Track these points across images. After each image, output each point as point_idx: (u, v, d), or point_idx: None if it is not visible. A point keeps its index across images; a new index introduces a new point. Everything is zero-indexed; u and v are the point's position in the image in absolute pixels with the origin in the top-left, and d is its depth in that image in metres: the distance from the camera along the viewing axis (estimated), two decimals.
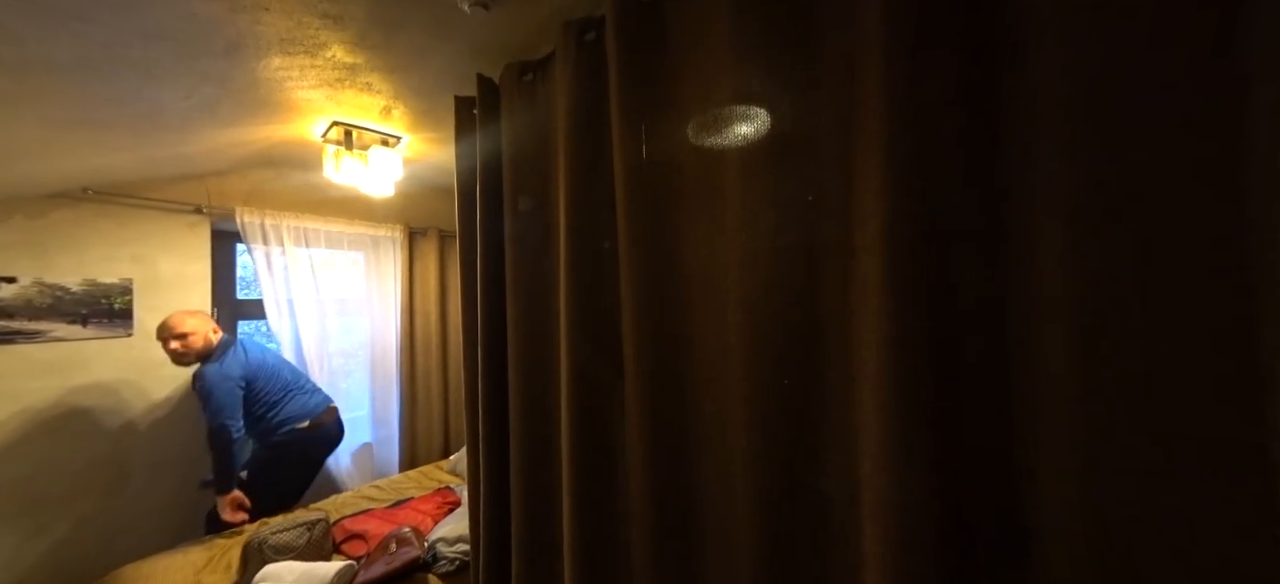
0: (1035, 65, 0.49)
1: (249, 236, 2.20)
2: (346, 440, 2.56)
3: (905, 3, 0.52)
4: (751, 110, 0.75)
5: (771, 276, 0.73)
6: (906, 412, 0.55)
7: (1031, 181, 0.50)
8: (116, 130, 1.48)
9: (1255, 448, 0.38)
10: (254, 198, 2.28)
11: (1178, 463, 0.43)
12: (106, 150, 1.62)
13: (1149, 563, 0.45)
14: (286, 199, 2.36)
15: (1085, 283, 0.45)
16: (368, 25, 1.10)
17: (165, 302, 2.09)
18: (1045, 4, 0.48)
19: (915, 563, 0.55)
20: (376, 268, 2.70)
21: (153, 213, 2.08)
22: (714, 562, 0.84)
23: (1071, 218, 0.46)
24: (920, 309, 0.54)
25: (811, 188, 0.69)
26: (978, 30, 0.52)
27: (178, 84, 1.25)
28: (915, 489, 0.55)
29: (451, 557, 1.58)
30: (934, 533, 0.54)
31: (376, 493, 2.20)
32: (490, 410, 1.28)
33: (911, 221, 0.54)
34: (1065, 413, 0.49)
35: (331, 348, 2.48)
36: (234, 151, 1.91)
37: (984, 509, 0.56)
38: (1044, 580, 0.51)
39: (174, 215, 2.13)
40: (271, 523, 1.79)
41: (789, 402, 0.72)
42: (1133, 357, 0.45)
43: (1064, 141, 0.47)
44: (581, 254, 1.00)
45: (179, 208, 2.12)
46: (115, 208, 2.00)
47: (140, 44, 1.06)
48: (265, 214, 2.24)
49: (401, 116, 1.65)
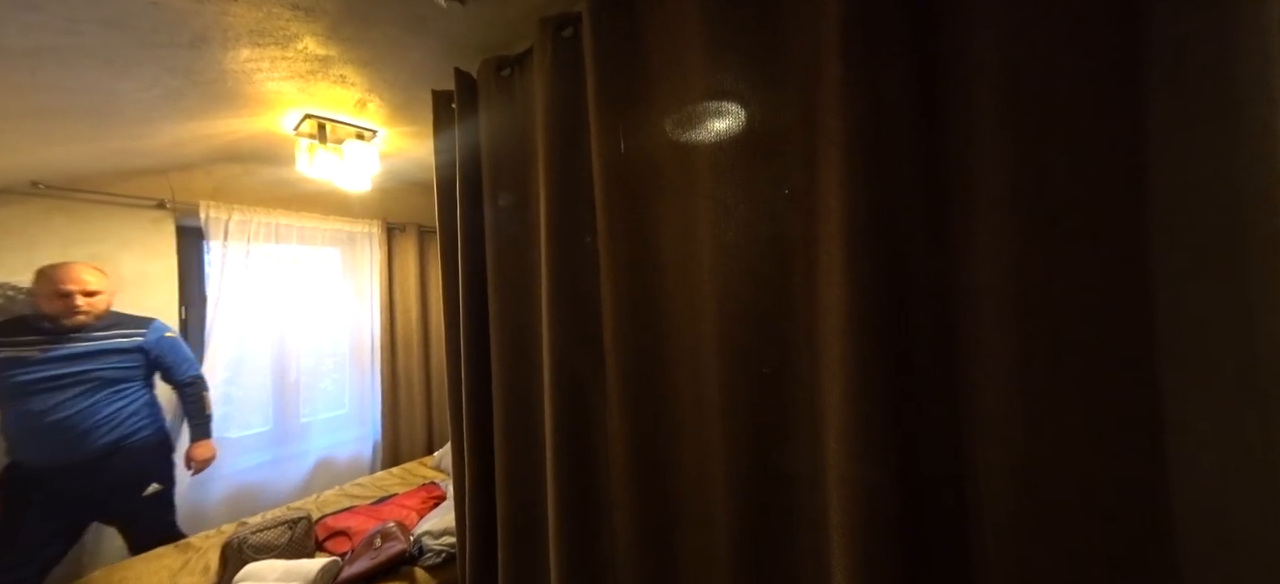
0: (973, 72, 0.53)
1: (213, 232, 2.12)
2: (327, 439, 2.53)
3: (859, 12, 0.56)
4: (723, 106, 0.79)
5: (743, 267, 0.77)
6: (864, 394, 0.59)
7: (973, 177, 0.55)
8: (71, 121, 1.41)
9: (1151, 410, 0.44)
10: (221, 193, 2.20)
11: (1104, 435, 0.49)
12: (60, 141, 1.55)
13: (1080, 527, 0.50)
14: (256, 194, 2.29)
15: (1015, 270, 0.51)
16: (341, 18, 1.09)
17: (129, 301, 2.00)
18: (978, 17, 0.52)
19: (874, 537, 0.59)
20: (353, 264, 2.64)
21: (112, 208, 1.99)
22: (693, 542, 0.88)
23: (1002, 211, 0.51)
24: (877, 296, 0.59)
25: (780, 182, 0.73)
26: (925, 39, 0.57)
27: (139, 74, 1.20)
28: (873, 467, 0.59)
29: (438, 550, 1.59)
30: (890, 508, 0.59)
31: (359, 490, 2.18)
32: (474, 403, 1.30)
33: (868, 213, 0.58)
34: (1005, 393, 0.54)
35: (304, 347, 2.43)
36: (200, 145, 1.84)
37: (936, 484, 0.61)
38: (990, 549, 0.57)
39: (135, 211, 2.04)
40: (250, 522, 1.76)
41: (762, 387, 0.76)
42: (1060, 339, 0.50)
43: (996, 141, 0.51)
44: (562, 247, 1.02)
45: (141, 203, 2.04)
46: (70, 203, 1.90)
47: (98, 31, 1.02)
48: (233, 209, 2.17)
49: (377, 110, 1.62)
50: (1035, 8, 0.49)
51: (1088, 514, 0.48)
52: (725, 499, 0.81)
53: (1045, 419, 0.50)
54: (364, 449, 2.65)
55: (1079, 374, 0.49)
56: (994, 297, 0.53)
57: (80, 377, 1.58)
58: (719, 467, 0.82)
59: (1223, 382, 0.45)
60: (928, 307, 0.60)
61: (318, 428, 2.51)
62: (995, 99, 0.52)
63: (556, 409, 1.03)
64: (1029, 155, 0.50)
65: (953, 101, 0.56)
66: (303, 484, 2.39)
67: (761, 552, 0.79)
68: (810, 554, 0.73)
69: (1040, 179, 0.49)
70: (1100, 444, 0.48)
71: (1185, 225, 0.44)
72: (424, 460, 2.57)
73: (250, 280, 2.23)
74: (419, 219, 2.81)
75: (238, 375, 2.20)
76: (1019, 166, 0.50)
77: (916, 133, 0.59)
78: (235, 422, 2.20)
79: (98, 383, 1.62)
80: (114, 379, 1.66)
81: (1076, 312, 0.48)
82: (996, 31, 0.51)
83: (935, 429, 0.60)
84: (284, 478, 2.35)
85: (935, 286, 0.60)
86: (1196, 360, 0.46)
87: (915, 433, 0.61)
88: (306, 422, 2.45)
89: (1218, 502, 0.47)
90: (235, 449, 2.20)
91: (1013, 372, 0.52)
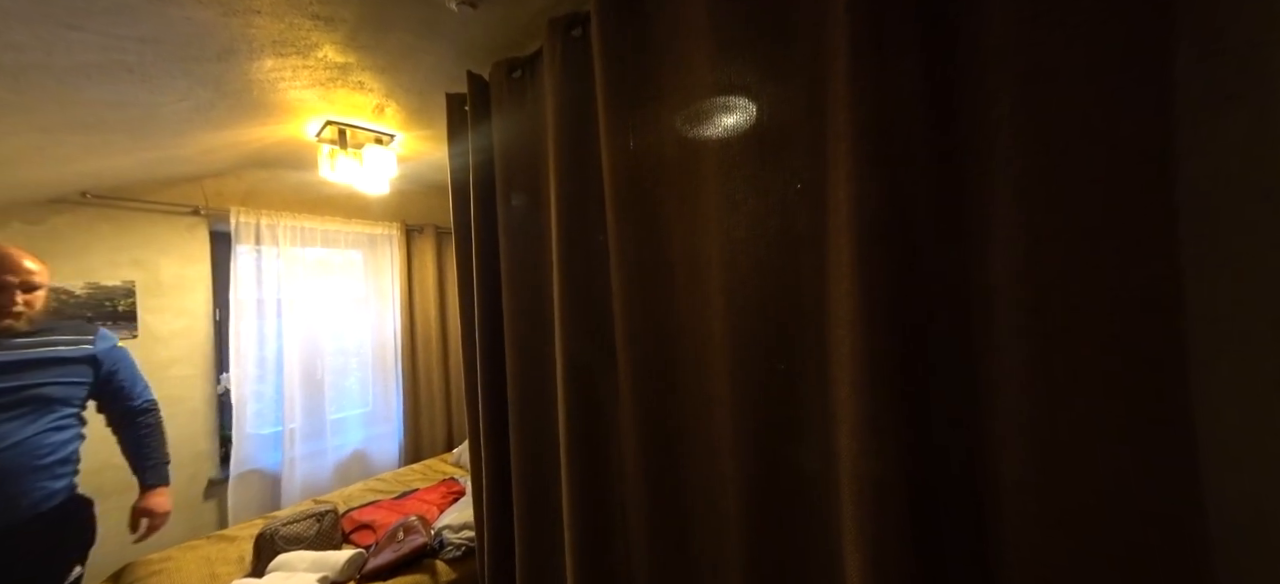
0: (988, 56, 0.51)
1: (242, 237, 2.22)
2: (355, 435, 2.62)
3: (868, 5, 0.55)
4: (731, 102, 0.78)
5: (753, 263, 0.76)
6: (876, 388, 0.58)
7: (988, 168, 0.53)
8: (113, 134, 1.50)
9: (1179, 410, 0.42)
10: (251, 198, 2.30)
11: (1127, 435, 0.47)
12: (103, 154, 1.64)
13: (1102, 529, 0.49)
14: (282, 199, 2.38)
15: (1032, 265, 0.49)
16: (357, 26, 1.12)
17: (167, 304, 2.12)
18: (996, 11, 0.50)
19: (885, 535, 0.58)
20: (374, 266, 2.72)
21: (151, 215, 2.10)
22: (705, 534, 0.88)
23: (1018, 203, 0.49)
24: (887, 291, 0.57)
25: (789, 177, 0.72)
26: (937, 26, 0.55)
27: (173, 87, 1.26)
28: (884, 464, 0.58)
29: (457, 543, 1.63)
30: (901, 500, 0.58)
31: (382, 485, 2.25)
32: (490, 401, 1.32)
33: (878, 206, 0.57)
34: (1022, 391, 0.53)
35: (330, 347, 2.52)
36: (229, 152, 1.93)
37: (951, 482, 0.59)
38: (1009, 550, 0.55)
39: (172, 218, 2.15)
40: (280, 515, 1.84)
41: (773, 384, 0.76)
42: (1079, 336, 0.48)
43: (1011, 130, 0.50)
44: (573, 246, 1.03)
45: (177, 210, 2.15)
46: (114, 211, 2.02)
47: (135, 49, 1.08)
48: (261, 214, 2.26)
49: (394, 114, 1.66)
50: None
51: (1112, 516, 0.46)
52: (737, 496, 0.81)
53: (1063, 418, 0.48)
54: (388, 444, 2.74)
55: (1100, 372, 0.47)
56: (1010, 292, 0.52)
57: (16, 395, 1.10)
58: (730, 464, 0.82)
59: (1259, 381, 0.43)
60: (941, 302, 0.59)
61: (345, 424, 2.60)
62: (1011, 85, 0.50)
63: (569, 406, 1.04)
64: (1046, 144, 0.48)
65: (966, 91, 0.54)
66: (331, 478, 2.48)
67: (774, 550, 0.78)
68: (823, 552, 0.72)
69: (1058, 169, 0.47)
70: (1123, 444, 0.47)
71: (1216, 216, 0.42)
72: (444, 457, 2.63)
73: (277, 282, 2.33)
74: (436, 220, 2.87)
75: (265, 374, 2.30)
76: (1035, 156, 0.49)
77: (928, 125, 0.57)
78: (267, 419, 2.30)
79: (37, 405, 1.13)
80: (55, 399, 1.17)
81: (1097, 307, 0.46)
82: (1014, 10, 0.49)
83: (950, 427, 0.59)
84: (314, 472, 2.44)
85: (949, 282, 0.58)
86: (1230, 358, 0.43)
87: (929, 430, 0.59)
88: (335, 418, 2.54)
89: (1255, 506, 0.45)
90: (269, 444, 2.30)
91: (1030, 368, 0.50)
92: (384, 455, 2.71)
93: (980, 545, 0.58)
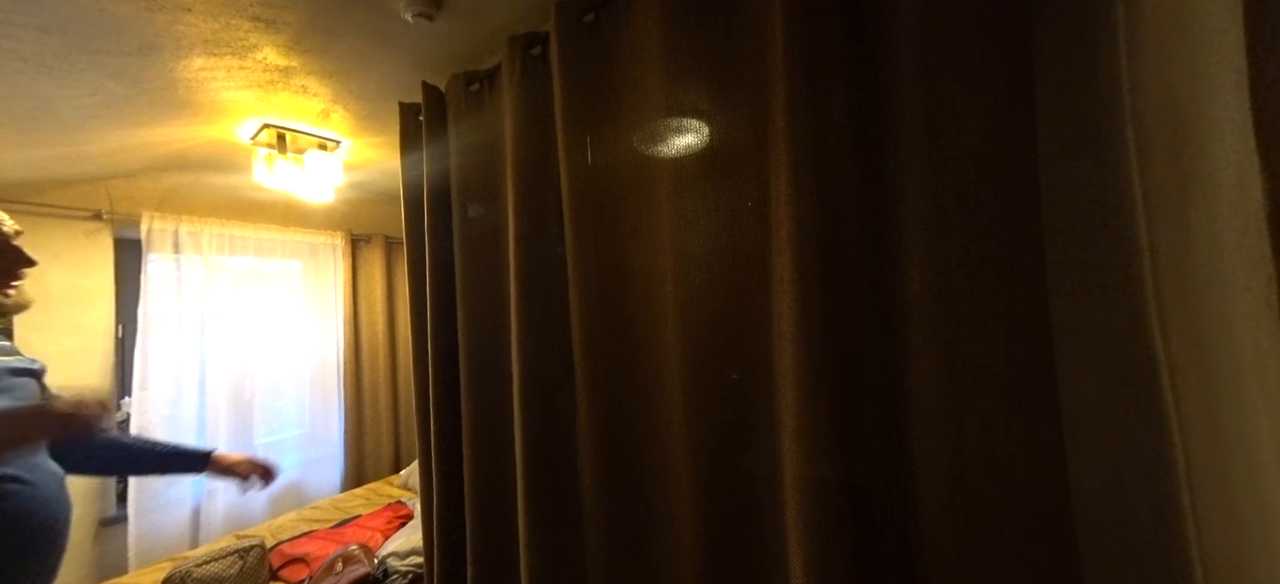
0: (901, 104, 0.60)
1: (156, 245, 2.00)
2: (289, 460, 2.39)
3: (801, 45, 0.62)
4: (684, 124, 0.84)
5: (706, 277, 0.81)
6: (814, 398, 0.64)
7: (903, 196, 0.61)
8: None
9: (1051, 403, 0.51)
10: (168, 203, 2.08)
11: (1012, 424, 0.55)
12: None
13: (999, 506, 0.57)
14: (208, 204, 2.18)
15: (942, 281, 0.57)
16: (303, 30, 1.08)
17: (57, 320, 1.86)
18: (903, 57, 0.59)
19: (826, 532, 0.63)
20: (315, 277, 2.55)
21: (38, 219, 1.85)
22: (660, 540, 0.90)
23: (927, 227, 0.58)
24: (823, 305, 0.64)
25: (739, 196, 0.78)
26: (861, 71, 0.63)
27: (79, 81, 1.14)
28: (825, 466, 0.64)
29: (404, 571, 1.54)
30: (841, 504, 0.64)
31: (318, 514, 2.08)
32: (443, 418, 1.28)
33: (814, 227, 0.64)
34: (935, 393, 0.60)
35: (262, 364, 2.32)
36: (144, 152, 1.75)
37: (883, 480, 0.66)
38: (931, 536, 0.62)
39: (67, 222, 1.90)
40: (194, 555, 1.65)
41: (724, 393, 0.80)
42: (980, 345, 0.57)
43: (919, 166, 0.58)
44: (531, 260, 1.04)
45: (73, 214, 1.90)
46: None
47: (34, 38, 0.97)
48: (181, 219, 2.06)
49: (342, 120, 1.59)
50: (943, 51, 0.56)
51: (1004, 494, 0.55)
52: (691, 501, 0.84)
53: (968, 416, 0.56)
54: (328, 468, 2.54)
55: (993, 374, 0.55)
56: (926, 305, 0.59)
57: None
58: (685, 470, 0.85)
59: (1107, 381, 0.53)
60: (871, 315, 0.66)
61: (278, 449, 2.38)
62: (917, 129, 0.59)
63: (527, 418, 1.04)
64: (945, 177, 0.57)
65: (884, 128, 0.62)
66: (262, 508, 2.26)
67: (726, 552, 0.82)
68: (771, 550, 0.77)
69: (957, 198, 0.56)
70: (1010, 430, 0.55)
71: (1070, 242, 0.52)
72: (391, 479, 2.48)
73: (199, 294, 2.12)
74: (386, 230, 2.74)
75: (182, 396, 2.07)
76: (938, 187, 0.57)
77: (856, 154, 0.65)
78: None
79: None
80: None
81: (989, 318, 0.55)
82: (916, 67, 0.58)
83: (881, 429, 0.66)
84: (240, 503, 2.21)
85: (877, 296, 0.66)
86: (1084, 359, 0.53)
87: (864, 434, 0.66)
88: (266, 442, 2.32)
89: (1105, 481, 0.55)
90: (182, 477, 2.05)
91: (941, 372, 0.58)
92: (323, 481, 2.51)
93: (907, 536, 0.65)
